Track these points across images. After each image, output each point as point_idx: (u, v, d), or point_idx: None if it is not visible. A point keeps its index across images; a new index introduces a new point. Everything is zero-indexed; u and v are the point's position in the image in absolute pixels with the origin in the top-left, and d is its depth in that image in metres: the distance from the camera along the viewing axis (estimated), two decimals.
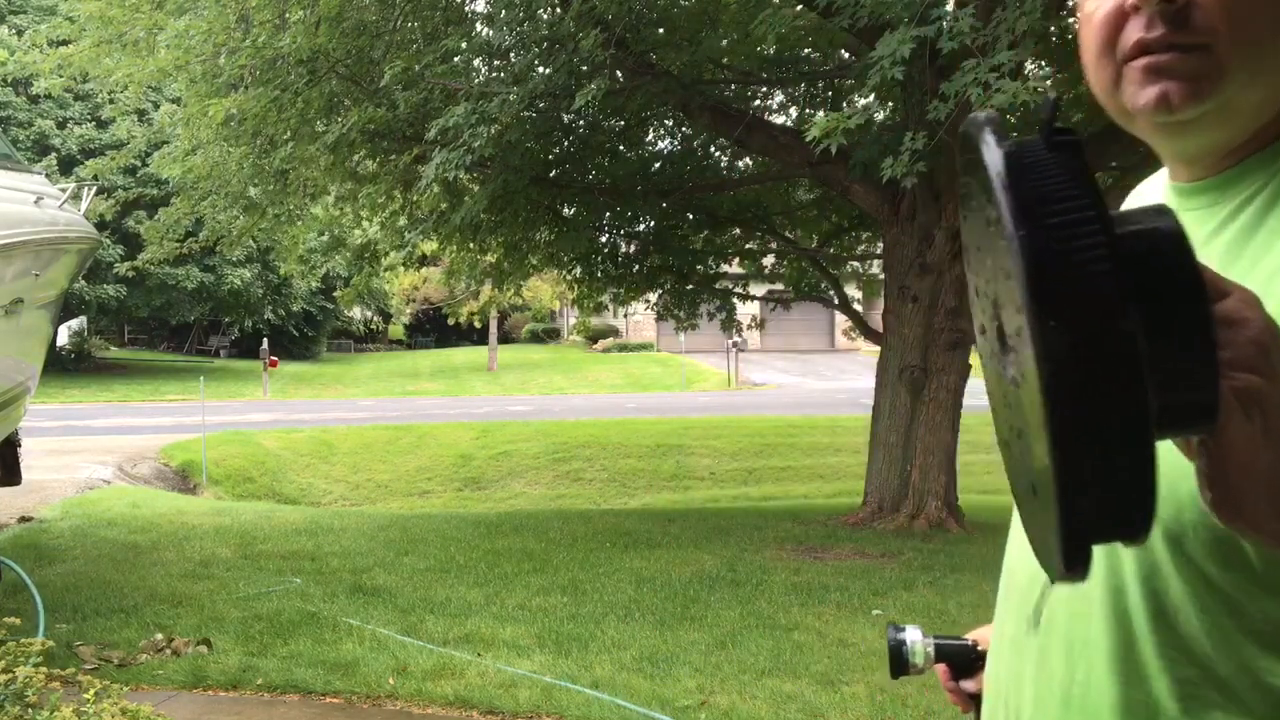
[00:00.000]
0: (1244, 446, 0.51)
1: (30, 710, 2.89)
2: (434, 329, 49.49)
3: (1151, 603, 0.72)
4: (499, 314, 32.27)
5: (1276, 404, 0.52)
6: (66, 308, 19.56)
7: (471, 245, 9.89)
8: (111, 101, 11.93)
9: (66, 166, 21.94)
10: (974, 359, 8.06)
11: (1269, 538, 0.56)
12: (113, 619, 5.59)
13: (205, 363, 34.87)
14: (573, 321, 40.20)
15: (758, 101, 10.44)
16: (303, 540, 8.03)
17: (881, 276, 9.77)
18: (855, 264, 12.85)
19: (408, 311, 44.57)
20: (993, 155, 0.46)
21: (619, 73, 7.80)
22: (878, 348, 9.31)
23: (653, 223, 10.66)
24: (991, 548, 8.28)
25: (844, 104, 9.47)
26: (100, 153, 13.34)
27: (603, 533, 8.49)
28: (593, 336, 39.02)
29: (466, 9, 8.37)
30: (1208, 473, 0.53)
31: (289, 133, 8.10)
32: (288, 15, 7.52)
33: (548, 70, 7.02)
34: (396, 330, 50.87)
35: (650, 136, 10.53)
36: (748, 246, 11.76)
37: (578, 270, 10.98)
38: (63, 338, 27.92)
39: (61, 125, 25.67)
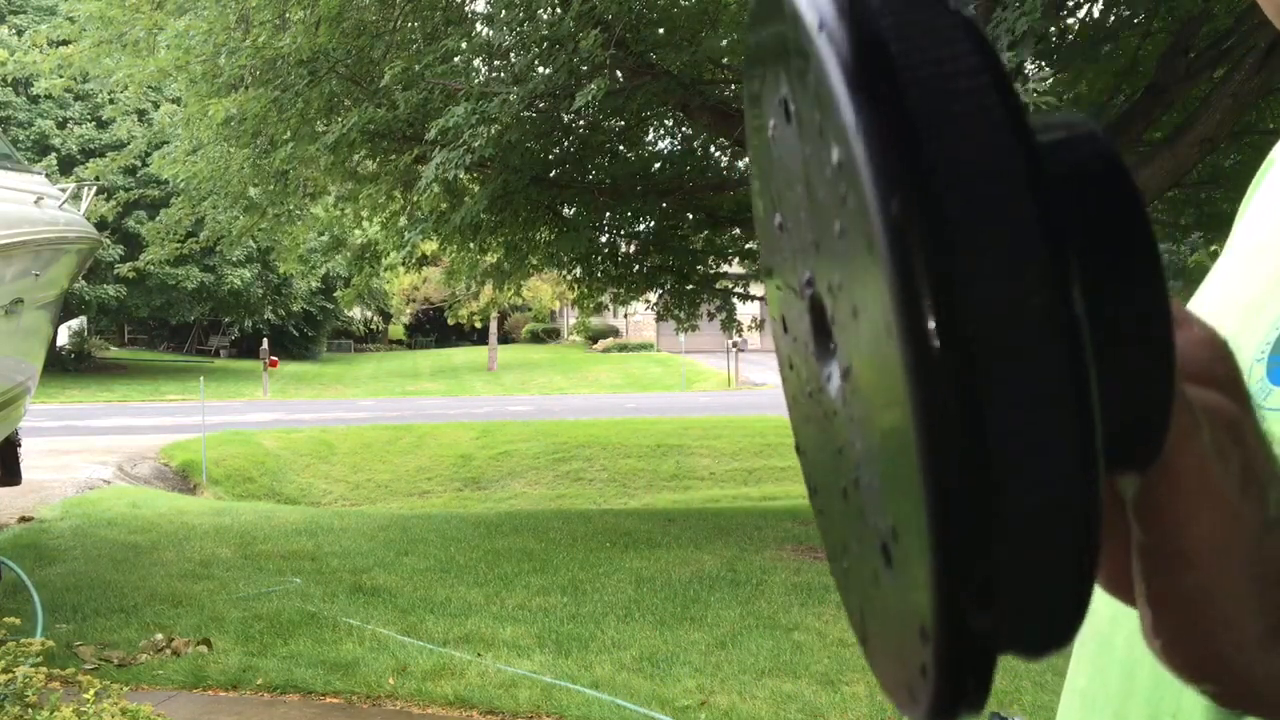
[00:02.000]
0: (1202, 487, 0.32)
1: (30, 710, 2.89)
2: (434, 329, 49.53)
3: None
4: (499, 314, 32.27)
5: (1238, 429, 0.33)
6: (66, 307, 19.58)
7: (471, 245, 9.88)
8: (112, 102, 11.93)
9: (67, 166, 21.92)
10: None
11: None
12: (113, 619, 5.59)
13: (205, 363, 34.87)
14: (573, 321, 40.22)
15: None
16: (303, 540, 8.03)
17: None
18: None
19: (408, 311, 44.60)
20: None
21: (619, 73, 7.80)
22: None
23: (653, 223, 10.66)
24: None
25: None
26: (100, 153, 13.34)
27: (603, 533, 8.49)
28: (593, 336, 39.03)
29: (466, 9, 8.37)
30: (1145, 556, 0.33)
31: (289, 133, 8.10)
32: (288, 15, 7.52)
33: (548, 70, 7.02)
34: (396, 330, 50.89)
35: (650, 136, 10.53)
36: (748, 246, 11.75)
37: (578, 270, 10.98)
38: (63, 338, 27.93)
39: (61, 125, 25.67)
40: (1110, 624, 0.62)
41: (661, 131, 10.43)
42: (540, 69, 7.11)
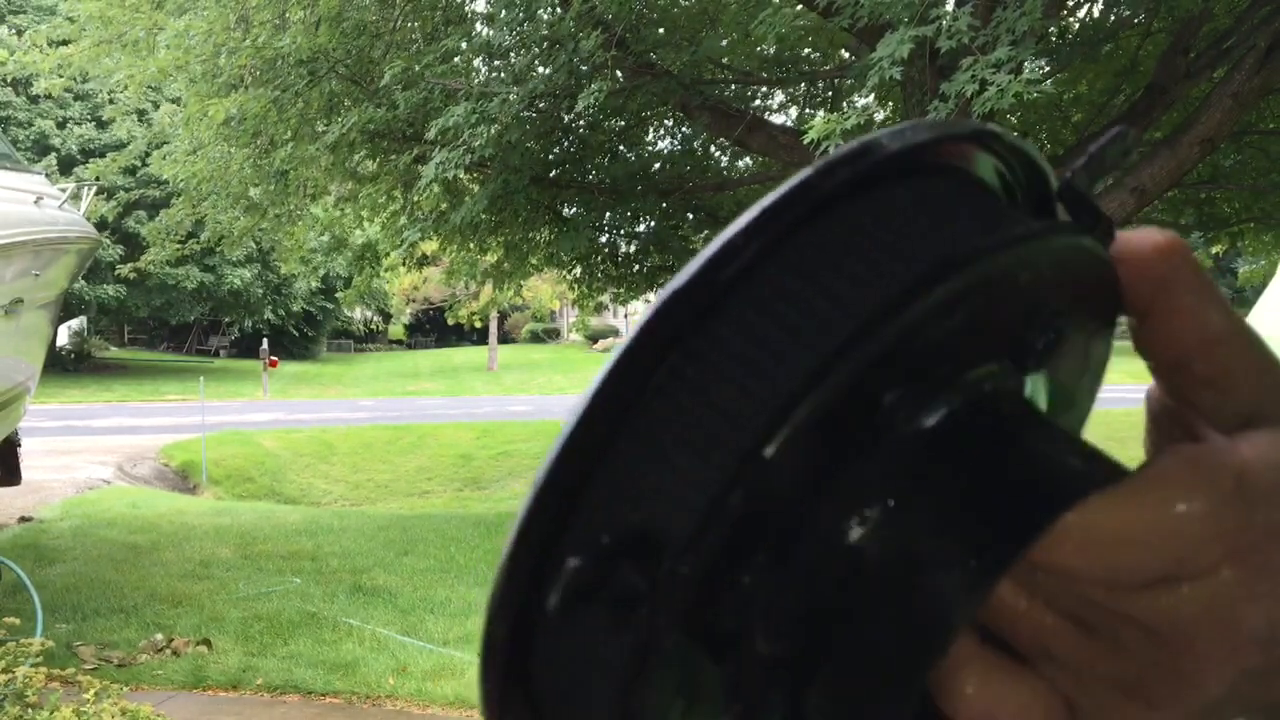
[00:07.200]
0: None
1: (30, 710, 2.89)
2: (434, 329, 49.53)
3: None
4: (499, 314, 32.25)
5: None
6: (66, 307, 19.57)
7: (471, 245, 9.88)
8: (112, 102, 11.94)
9: (66, 166, 21.93)
10: None
11: None
12: (112, 619, 5.59)
13: (205, 363, 34.86)
14: (573, 321, 40.20)
15: (758, 101, 10.43)
16: (303, 540, 8.02)
17: None
18: None
19: (408, 311, 44.58)
20: None
21: (619, 73, 7.80)
22: None
23: (653, 223, 10.65)
24: None
25: (844, 104, 9.46)
26: (100, 153, 13.34)
27: None
28: (593, 336, 39.02)
29: (466, 9, 8.36)
30: None
31: (289, 133, 8.09)
32: (288, 15, 7.52)
33: (548, 70, 7.02)
34: (396, 330, 50.87)
35: (650, 136, 10.53)
36: None
37: (578, 270, 10.97)
38: (62, 338, 27.92)
39: (61, 125, 25.66)
40: None
41: (661, 131, 10.43)
42: (540, 69, 7.10)
